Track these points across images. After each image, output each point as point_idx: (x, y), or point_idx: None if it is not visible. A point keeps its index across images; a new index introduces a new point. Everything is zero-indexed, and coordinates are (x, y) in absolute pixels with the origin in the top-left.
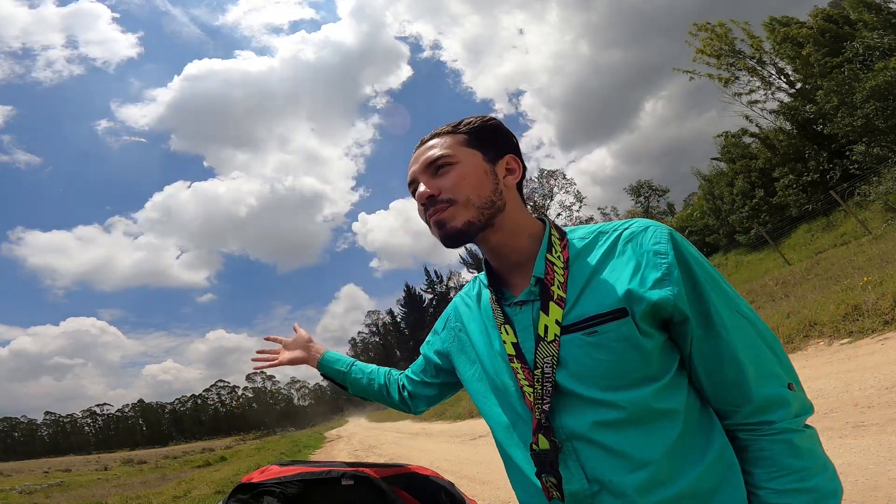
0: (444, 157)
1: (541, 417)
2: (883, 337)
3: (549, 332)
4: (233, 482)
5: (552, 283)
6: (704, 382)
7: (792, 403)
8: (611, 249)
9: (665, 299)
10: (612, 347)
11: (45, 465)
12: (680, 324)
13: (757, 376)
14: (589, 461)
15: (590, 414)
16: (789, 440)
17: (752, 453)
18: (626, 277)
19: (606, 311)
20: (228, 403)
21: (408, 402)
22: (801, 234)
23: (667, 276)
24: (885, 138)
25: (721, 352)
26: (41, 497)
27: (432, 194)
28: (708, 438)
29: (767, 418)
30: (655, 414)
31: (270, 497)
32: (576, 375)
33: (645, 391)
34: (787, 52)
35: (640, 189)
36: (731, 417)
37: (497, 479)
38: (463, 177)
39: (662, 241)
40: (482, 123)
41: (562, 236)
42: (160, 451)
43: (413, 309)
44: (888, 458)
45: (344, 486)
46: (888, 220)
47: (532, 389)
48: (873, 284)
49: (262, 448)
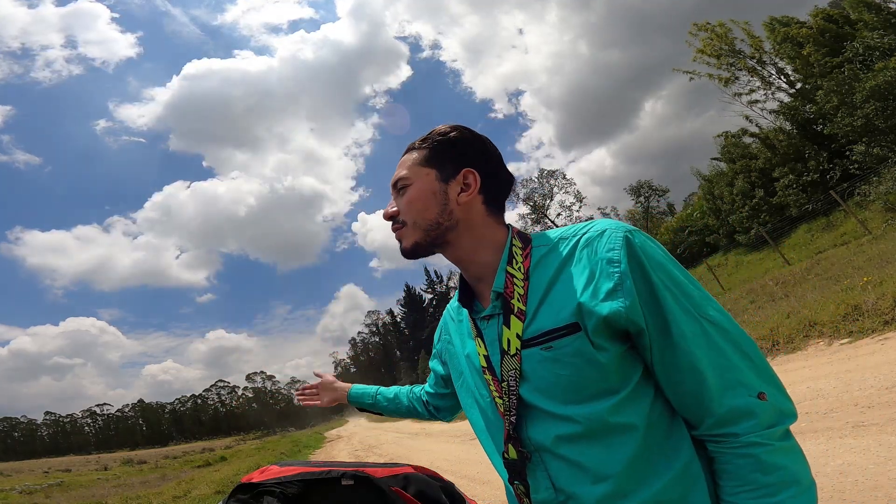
0: (402, 179)
1: (509, 428)
2: (883, 337)
3: (511, 345)
4: (233, 482)
5: (512, 297)
6: (668, 393)
7: (760, 414)
8: (568, 257)
9: (616, 312)
10: (567, 362)
11: (45, 465)
12: (637, 335)
13: (720, 387)
14: (556, 472)
15: (552, 427)
16: (755, 455)
17: (719, 465)
18: (580, 289)
19: (561, 326)
20: (228, 403)
21: (436, 415)
22: (801, 234)
23: (619, 286)
24: (885, 138)
25: (680, 362)
26: (41, 497)
27: (392, 215)
28: (675, 451)
29: (731, 430)
30: (613, 428)
31: (270, 497)
32: (538, 389)
33: (602, 405)
34: (787, 52)
35: (640, 189)
36: (696, 428)
37: (497, 479)
38: (411, 201)
39: (616, 247)
40: (442, 139)
41: (525, 245)
42: (160, 451)
43: (413, 309)
44: (888, 458)
45: (344, 486)
46: (888, 220)
47: (501, 401)
48: (873, 284)
49: (262, 448)
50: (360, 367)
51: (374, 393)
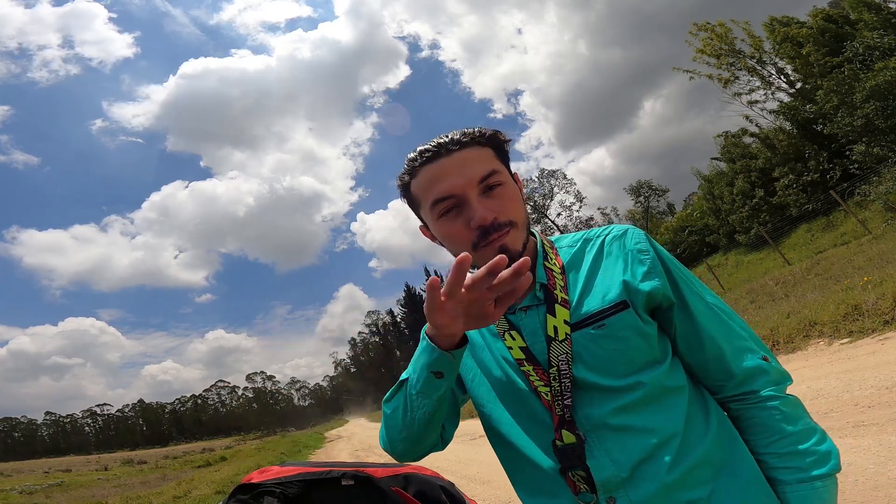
0: (495, 176)
1: (563, 413)
2: (883, 337)
3: (560, 331)
4: (233, 482)
5: (554, 287)
6: (690, 362)
7: (770, 373)
8: (599, 253)
9: (655, 289)
10: (620, 336)
11: (45, 465)
12: (667, 310)
13: (733, 353)
14: (614, 447)
15: (609, 401)
16: (776, 406)
17: (745, 421)
18: (619, 273)
19: (611, 305)
20: (228, 404)
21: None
22: (801, 233)
23: (652, 269)
24: (885, 138)
25: (700, 333)
26: (41, 497)
27: (497, 217)
28: (706, 411)
29: (751, 388)
30: (668, 391)
31: (270, 497)
32: (592, 367)
33: (657, 372)
34: (787, 52)
35: (640, 189)
36: (719, 392)
37: (497, 479)
38: (514, 198)
39: (641, 240)
40: (498, 138)
41: (551, 246)
42: (160, 451)
43: (413, 309)
44: (888, 458)
45: (344, 486)
46: (888, 220)
47: (548, 388)
48: (873, 284)
49: (262, 448)
50: (360, 367)
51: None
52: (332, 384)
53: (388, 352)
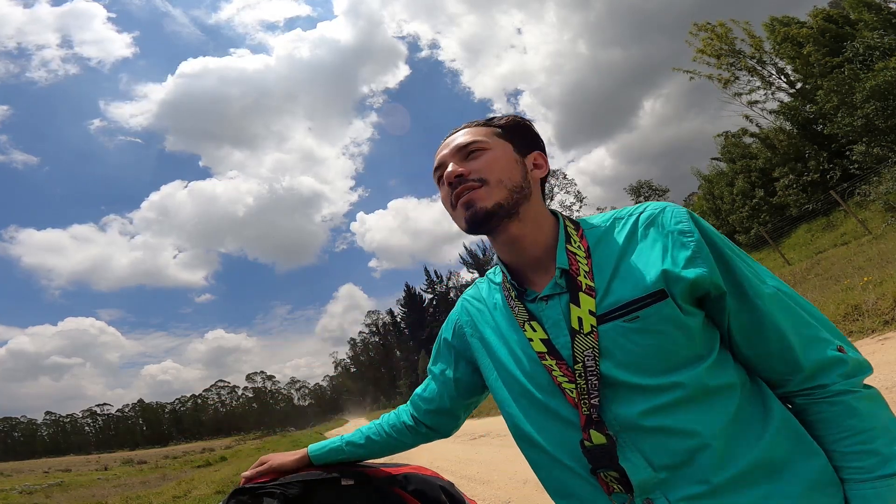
0: (476, 143)
1: (590, 412)
2: (883, 337)
3: (585, 323)
4: (233, 482)
5: (578, 274)
6: (749, 355)
7: (843, 366)
8: (632, 233)
9: (701, 276)
10: (656, 330)
11: (45, 465)
12: (717, 299)
13: (803, 344)
14: (649, 448)
15: (641, 401)
16: (845, 402)
17: (811, 416)
18: (657, 259)
19: (645, 295)
20: (228, 403)
21: (431, 434)
22: (801, 233)
23: (697, 253)
24: (885, 138)
25: (762, 323)
26: (41, 497)
27: (462, 173)
28: (765, 409)
29: (820, 382)
30: (712, 390)
31: (270, 499)
32: (622, 364)
33: (698, 369)
34: (788, 52)
35: (640, 189)
36: (783, 386)
37: (497, 479)
38: (495, 160)
39: (684, 219)
40: (513, 120)
41: (577, 227)
42: (160, 451)
43: (413, 309)
44: None
45: (344, 486)
46: (888, 220)
47: (573, 385)
48: (873, 284)
49: (262, 448)
50: (359, 367)
51: (340, 444)
52: (332, 384)
53: (388, 352)
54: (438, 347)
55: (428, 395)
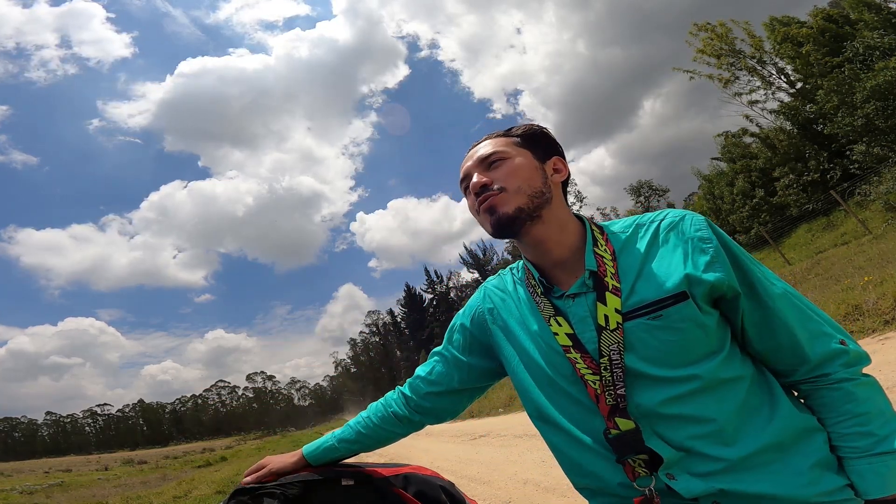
0: (497, 153)
1: (616, 402)
2: (883, 337)
3: (611, 320)
4: (233, 482)
5: (605, 275)
6: (760, 349)
7: (845, 357)
8: (654, 239)
9: (720, 280)
10: (677, 328)
11: (45, 465)
12: (732, 300)
13: (809, 338)
14: (669, 432)
15: (660, 391)
16: (844, 388)
17: (814, 401)
18: (679, 263)
19: (668, 296)
20: (229, 403)
21: (423, 418)
22: (801, 233)
23: (715, 258)
24: (885, 138)
25: (773, 321)
26: (42, 497)
27: (485, 183)
28: (772, 396)
29: (824, 371)
30: (724, 381)
31: (270, 499)
32: (645, 358)
33: (713, 363)
34: (788, 52)
35: (640, 189)
36: (791, 376)
37: (497, 479)
38: (515, 169)
39: (703, 227)
40: (530, 128)
41: (601, 231)
42: (161, 451)
43: (413, 309)
44: None
45: (344, 486)
46: (888, 220)
47: (597, 377)
48: (873, 284)
49: (262, 448)
50: (360, 367)
51: (333, 442)
52: (332, 384)
53: (388, 352)
54: (452, 332)
55: (434, 377)
